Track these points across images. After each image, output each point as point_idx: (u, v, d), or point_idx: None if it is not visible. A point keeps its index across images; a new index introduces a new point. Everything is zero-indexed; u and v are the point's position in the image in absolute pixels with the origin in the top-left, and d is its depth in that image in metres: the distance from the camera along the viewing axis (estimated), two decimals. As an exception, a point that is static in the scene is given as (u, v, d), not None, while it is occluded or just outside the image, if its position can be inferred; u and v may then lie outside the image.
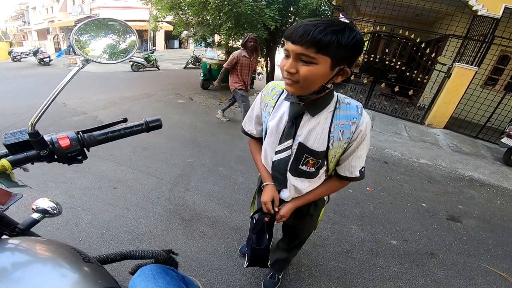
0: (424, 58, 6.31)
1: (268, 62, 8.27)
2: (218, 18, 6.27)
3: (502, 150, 4.89)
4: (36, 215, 0.80)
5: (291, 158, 1.02)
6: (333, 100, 0.94)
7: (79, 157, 0.72)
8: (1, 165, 0.60)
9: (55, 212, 0.83)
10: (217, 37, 8.00)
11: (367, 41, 6.66)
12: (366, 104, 6.90)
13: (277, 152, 1.04)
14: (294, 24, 0.78)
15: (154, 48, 18.17)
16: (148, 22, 16.30)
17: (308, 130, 0.95)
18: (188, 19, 7.70)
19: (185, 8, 7.23)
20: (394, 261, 2.16)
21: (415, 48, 6.30)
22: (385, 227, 2.56)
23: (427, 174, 3.96)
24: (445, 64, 6.09)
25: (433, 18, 8.19)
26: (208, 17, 6.65)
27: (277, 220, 1.13)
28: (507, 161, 4.72)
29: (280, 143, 1.02)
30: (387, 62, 6.62)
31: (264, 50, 7.87)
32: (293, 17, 7.88)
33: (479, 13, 5.46)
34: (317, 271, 1.96)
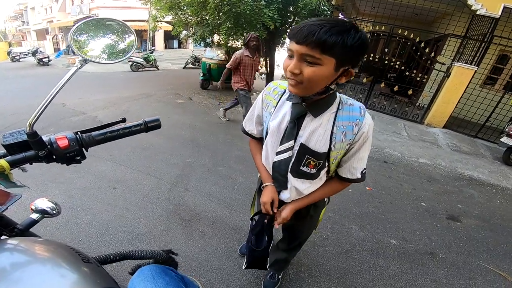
0: (424, 58, 6.32)
1: (268, 62, 8.27)
2: (217, 18, 6.27)
3: (502, 150, 4.89)
4: (35, 216, 0.79)
5: (292, 159, 1.01)
6: (336, 101, 0.93)
7: (78, 158, 0.71)
8: (0, 166, 0.59)
9: (54, 213, 0.83)
10: (217, 37, 7.99)
11: (367, 41, 6.65)
12: (366, 104, 6.89)
13: (278, 153, 1.03)
14: (298, 24, 0.76)
15: (154, 48, 18.14)
16: (147, 22, 16.29)
17: (310, 131, 0.94)
18: (187, 19, 7.69)
19: (184, 8, 7.22)
20: (394, 261, 2.16)
21: (415, 48, 6.30)
22: (385, 227, 2.56)
23: (427, 174, 3.96)
24: (445, 64, 6.09)
25: (432, 18, 8.20)
26: (207, 17, 6.65)
27: (278, 223, 1.11)
28: (507, 161, 4.72)
29: (281, 144, 1.01)
30: (387, 62, 6.61)
31: (264, 50, 7.87)
32: (293, 17, 7.88)
33: (478, 13, 5.46)
34: (317, 271, 1.96)
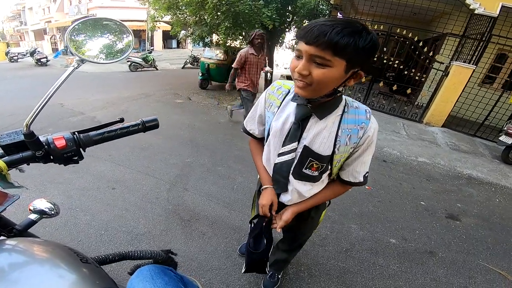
0: (422, 57, 6.33)
1: (267, 62, 8.27)
2: (216, 18, 6.27)
3: (500, 148, 4.91)
4: (34, 216, 0.79)
5: (295, 161, 0.99)
6: (341, 104, 0.91)
7: (75, 158, 0.71)
8: (-3, 166, 0.59)
9: (53, 213, 0.82)
10: (215, 37, 7.99)
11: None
12: (365, 103, 6.89)
13: (280, 154, 1.01)
14: (308, 24, 0.74)
15: (152, 48, 18.09)
16: (146, 22, 16.26)
17: (315, 134, 0.92)
18: (186, 19, 7.70)
19: (183, 8, 7.23)
20: (394, 260, 2.16)
21: (413, 47, 6.31)
22: (384, 226, 2.56)
23: (426, 173, 3.97)
24: (443, 63, 6.11)
25: (431, 17, 8.21)
26: (206, 17, 6.65)
27: (279, 226, 1.08)
28: (506, 159, 4.73)
29: (284, 145, 0.99)
30: (385, 61, 6.62)
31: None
32: (291, 17, 7.90)
33: (476, 12, 5.47)
34: (317, 270, 1.96)
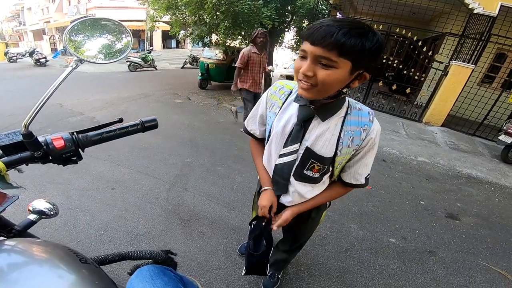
0: (421, 57, 6.34)
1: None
2: (215, 18, 6.26)
3: (500, 148, 4.92)
4: (33, 216, 0.79)
5: (296, 163, 0.98)
6: (344, 105, 0.90)
7: (74, 158, 0.71)
8: (-5, 167, 0.59)
9: (52, 213, 0.82)
10: (215, 37, 7.98)
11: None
12: (364, 103, 6.90)
13: (281, 155, 1.00)
14: (314, 24, 0.73)
15: (151, 48, 18.15)
16: (145, 22, 16.28)
17: (317, 135, 0.91)
18: (185, 19, 7.69)
19: (182, 8, 7.22)
20: (394, 260, 2.16)
21: (412, 47, 6.32)
22: (384, 225, 2.56)
23: (425, 172, 3.97)
24: (442, 62, 6.11)
25: (430, 17, 8.21)
26: (205, 17, 6.64)
27: (277, 225, 1.08)
28: (505, 159, 4.73)
29: (285, 147, 0.98)
30: (384, 61, 6.62)
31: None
32: (291, 16, 7.89)
33: (475, 11, 5.48)
34: (317, 270, 1.96)
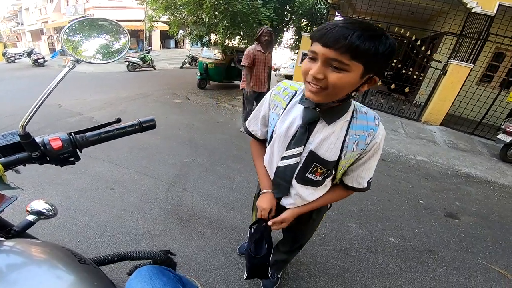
0: (420, 56, 6.34)
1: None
2: (214, 17, 6.26)
3: (499, 146, 4.93)
4: (31, 217, 0.78)
5: (299, 166, 0.97)
6: (350, 109, 0.89)
7: (72, 159, 0.71)
8: (-7, 168, 0.58)
9: (50, 214, 0.82)
10: (213, 36, 7.99)
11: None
12: (363, 102, 6.92)
13: (284, 158, 0.98)
14: (325, 25, 0.70)
15: (150, 48, 18.10)
16: (144, 22, 16.23)
17: (322, 139, 0.89)
18: (184, 19, 7.69)
19: (181, 8, 7.22)
20: (393, 259, 2.16)
21: (411, 46, 6.32)
22: (383, 225, 2.57)
23: (424, 171, 3.98)
24: (441, 62, 6.12)
25: (428, 16, 8.22)
26: (204, 16, 6.64)
27: (277, 225, 1.07)
28: (504, 157, 4.74)
29: (288, 149, 0.96)
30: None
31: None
32: (289, 16, 7.90)
33: (474, 11, 5.49)
34: (316, 270, 1.96)
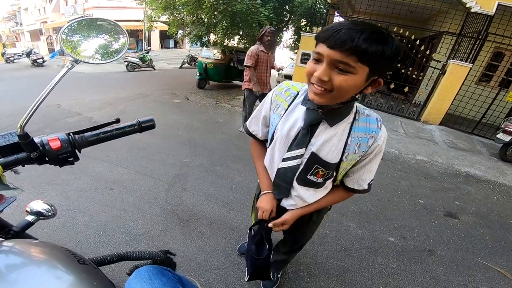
0: (419, 55, 6.34)
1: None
2: (213, 17, 6.27)
3: (498, 146, 4.93)
4: (31, 217, 0.78)
5: (300, 167, 0.96)
6: (352, 111, 0.88)
7: (71, 159, 0.70)
8: (-8, 168, 0.58)
9: (50, 214, 0.81)
10: (213, 36, 7.99)
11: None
12: (362, 102, 6.92)
13: (285, 159, 0.97)
14: (331, 26, 0.69)
15: (149, 48, 18.11)
16: (143, 22, 16.26)
17: (324, 141, 0.89)
18: (183, 19, 7.69)
19: (180, 8, 7.22)
20: (393, 258, 2.16)
21: (410, 46, 6.32)
22: (383, 224, 2.57)
23: (424, 171, 3.98)
24: (440, 61, 6.13)
25: (427, 16, 8.23)
26: (203, 16, 6.64)
27: (278, 228, 1.08)
28: (503, 157, 4.75)
29: (290, 150, 0.95)
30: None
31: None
32: (289, 16, 7.91)
33: (473, 10, 5.49)
34: (316, 270, 1.96)
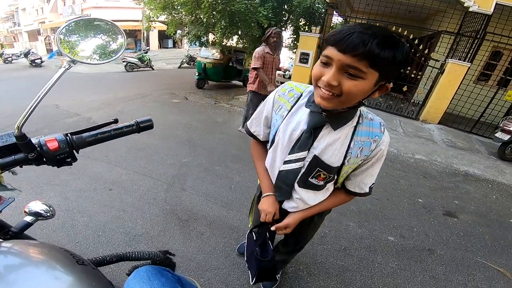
0: (417, 55, 6.35)
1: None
2: (212, 17, 6.26)
3: (497, 145, 4.94)
4: (29, 218, 0.78)
5: (302, 170, 0.95)
6: (356, 114, 0.87)
7: (68, 159, 0.70)
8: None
9: (48, 215, 0.81)
10: (211, 36, 7.98)
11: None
12: (361, 101, 6.92)
13: (287, 162, 0.95)
14: (342, 29, 0.67)
15: (148, 48, 18.09)
16: (141, 22, 16.25)
17: (327, 144, 0.88)
18: (182, 18, 7.67)
19: (178, 8, 7.20)
20: (392, 258, 2.16)
21: (408, 45, 6.30)
22: (382, 224, 2.57)
23: (423, 170, 3.99)
24: (438, 60, 6.14)
25: (426, 15, 8.24)
26: (202, 16, 6.63)
27: (281, 232, 1.07)
28: (502, 156, 4.76)
29: (292, 153, 0.93)
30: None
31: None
32: (287, 15, 7.90)
33: (471, 10, 5.50)
34: (316, 269, 1.96)
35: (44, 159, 0.67)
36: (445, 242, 2.43)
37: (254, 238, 1.19)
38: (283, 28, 8.31)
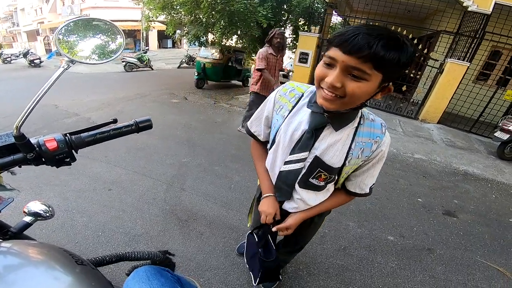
0: (417, 54, 6.35)
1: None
2: (211, 17, 6.26)
3: (496, 144, 4.94)
4: (28, 218, 0.78)
5: (303, 171, 0.94)
6: (358, 115, 0.87)
7: (67, 160, 0.70)
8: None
9: (47, 215, 0.81)
10: (211, 36, 7.98)
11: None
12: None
13: (287, 162, 0.95)
14: (346, 30, 0.66)
15: (147, 48, 18.09)
16: (140, 22, 16.24)
17: (328, 145, 0.87)
18: (181, 18, 7.67)
19: (178, 7, 7.20)
20: (392, 257, 2.16)
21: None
22: (382, 223, 2.57)
23: (422, 169, 3.99)
24: (437, 60, 6.15)
25: (425, 15, 8.26)
26: (201, 16, 6.63)
27: (282, 233, 1.07)
28: (501, 155, 4.77)
29: (292, 153, 0.93)
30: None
31: (258, 49, 7.88)
32: (287, 15, 7.90)
33: (470, 9, 5.51)
34: (315, 269, 1.96)
35: (43, 159, 0.67)
36: (445, 242, 2.43)
37: (256, 239, 1.18)
38: (283, 28, 8.32)
